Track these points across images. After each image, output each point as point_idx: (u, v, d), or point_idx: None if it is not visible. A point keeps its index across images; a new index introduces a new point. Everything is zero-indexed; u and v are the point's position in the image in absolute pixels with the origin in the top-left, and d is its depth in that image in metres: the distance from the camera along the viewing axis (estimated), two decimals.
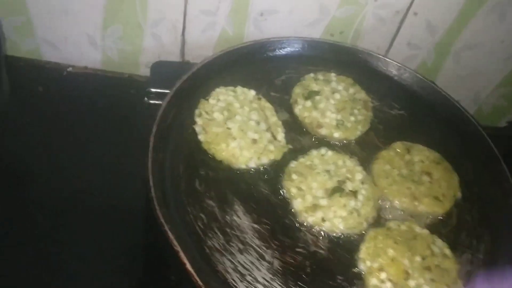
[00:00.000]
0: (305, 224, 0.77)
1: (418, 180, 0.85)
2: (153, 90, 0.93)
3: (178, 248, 0.67)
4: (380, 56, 1.00)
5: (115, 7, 0.98)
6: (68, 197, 0.90)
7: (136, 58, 1.08)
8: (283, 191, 0.80)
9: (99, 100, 1.07)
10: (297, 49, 0.99)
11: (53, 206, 0.88)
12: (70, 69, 1.10)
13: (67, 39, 1.05)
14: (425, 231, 0.80)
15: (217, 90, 0.88)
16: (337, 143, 0.89)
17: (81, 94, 1.08)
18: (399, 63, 1.00)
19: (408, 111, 0.97)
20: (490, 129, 1.20)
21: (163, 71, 0.96)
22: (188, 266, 0.66)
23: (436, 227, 0.82)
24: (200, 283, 0.65)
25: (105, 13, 1.00)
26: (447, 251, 0.78)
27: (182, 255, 0.67)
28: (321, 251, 0.76)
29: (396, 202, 0.83)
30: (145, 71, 1.11)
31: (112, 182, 0.93)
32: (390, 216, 0.82)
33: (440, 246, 0.78)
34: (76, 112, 1.03)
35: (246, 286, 0.69)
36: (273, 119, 0.87)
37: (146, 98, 0.92)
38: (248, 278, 0.70)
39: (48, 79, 1.08)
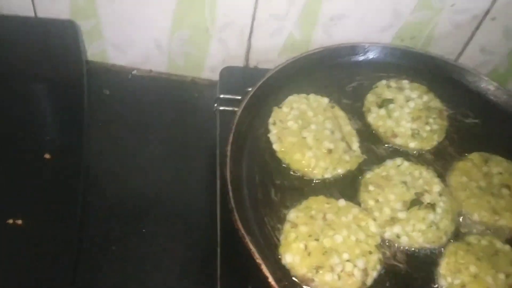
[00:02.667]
0: (384, 237, 0.76)
1: (497, 193, 0.82)
2: (222, 96, 0.92)
3: (260, 260, 0.67)
4: (454, 62, 0.97)
5: (184, 12, 0.98)
6: (137, 202, 0.90)
7: (200, 62, 1.08)
8: (360, 203, 0.78)
9: (163, 103, 1.08)
10: (368, 55, 0.97)
11: (122, 211, 0.89)
12: (135, 72, 1.11)
13: (134, 43, 1.06)
14: (507, 247, 0.77)
15: (290, 98, 0.87)
16: (412, 153, 0.87)
17: (145, 97, 1.09)
18: (473, 70, 0.96)
19: (483, 120, 0.93)
20: None
21: (232, 77, 0.96)
22: (271, 279, 0.66)
23: None
24: None
25: (174, 18, 1.00)
26: None
27: (264, 268, 0.67)
28: (399, 265, 0.74)
29: (476, 216, 0.80)
30: (208, 75, 1.11)
31: (179, 188, 0.94)
32: (469, 230, 0.80)
33: None
34: (140, 115, 1.04)
35: None
36: (347, 128, 0.86)
37: (215, 104, 0.92)
38: None
39: (114, 82, 1.09)
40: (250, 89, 0.86)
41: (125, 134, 1.00)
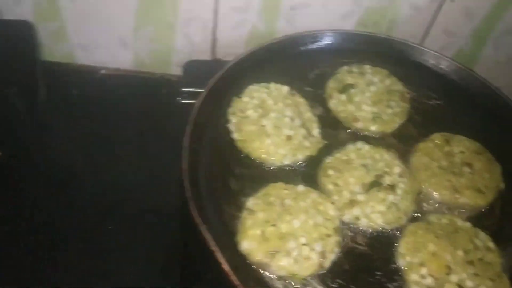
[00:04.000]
0: (343, 220, 0.76)
1: (458, 172, 0.83)
2: (185, 89, 0.93)
3: (214, 248, 0.67)
4: (416, 45, 0.98)
5: (146, 9, 0.99)
6: (105, 199, 0.91)
7: (167, 58, 1.09)
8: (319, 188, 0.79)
9: (132, 101, 1.09)
10: (329, 42, 0.97)
11: (91, 208, 0.89)
12: (103, 71, 1.12)
13: (100, 42, 1.06)
14: (467, 224, 0.77)
15: (250, 87, 0.88)
16: (374, 136, 0.87)
17: (114, 95, 1.09)
18: (435, 52, 0.97)
19: (446, 101, 0.94)
20: None
21: (195, 70, 0.97)
22: (225, 266, 0.66)
23: (479, 220, 0.80)
24: (237, 282, 0.65)
25: (137, 15, 1.01)
26: (491, 244, 0.75)
27: (219, 255, 0.67)
28: (359, 247, 0.74)
29: (436, 195, 0.81)
30: (176, 70, 1.11)
31: (148, 182, 0.94)
32: (430, 209, 0.80)
33: (483, 239, 0.76)
34: (110, 114, 1.05)
35: (283, 285, 0.69)
36: (308, 114, 0.86)
37: (178, 98, 0.93)
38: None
39: (82, 82, 1.10)
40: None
41: (94, 133, 1.01)
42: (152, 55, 1.09)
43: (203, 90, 0.88)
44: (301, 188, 0.77)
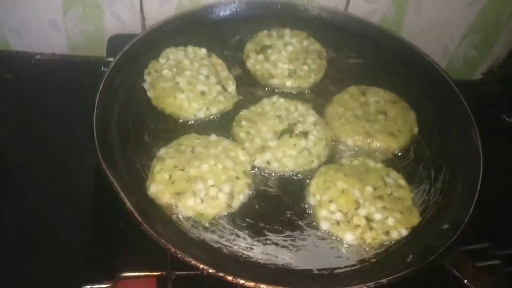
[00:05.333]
0: (254, 165, 0.77)
1: (373, 119, 0.84)
2: (109, 59, 0.94)
3: (118, 189, 0.67)
4: (334, 9, 1.00)
5: None
6: (35, 177, 0.91)
7: (99, 39, 1.10)
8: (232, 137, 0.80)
9: (67, 84, 1.08)
10: (250, 10, 1.00)
11: (22, 185, 0.89)
12: (38, 56, 1.12)
13: (31, 26, 1.07)
14: (379, 165, 0.79)
15: (167, 50, 0.89)
16: (291, 92, 0.89)
17: (49, 80, 1.09)
18: (353, 14, 1.00)
19: (365, 60, 0.96)
20: (465, 82, 1.18)
21: (121, 42, 0.98)
22: (128, 205, 0.66)
23: (393, 162, 0.81)
24: (140, 220, 0.65)
25: None
26: (402, 181, 0.77)
27: (122, 195, 0.67)
28: (270, 190, 0.75)
29: (350, 141, 0.82)
30: None
31: (77, 158, 0.93)
32: (343, 155, 0.81)
33: (394, 177, 0.77)
34: (44, 98, 1.05)
35: (191, 225, 0.69)
36: (224, 73, 0.88)
37: (102, 67, 0.94)
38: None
39: (18, 68, 1.10)
40: None
41: (29, 118, 1.01)
42: (84, 37, 1.10)
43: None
44: (213, 137, 0.78)
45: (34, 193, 0.88)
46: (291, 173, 0.77)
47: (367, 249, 0.69)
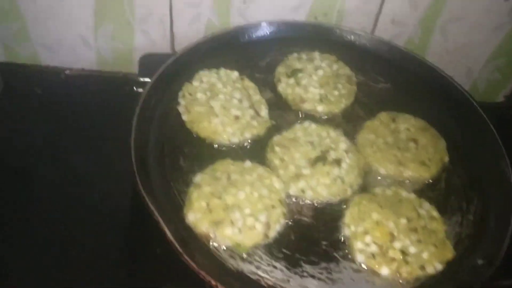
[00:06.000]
0: (289, 193, 0.78)
1: (404, 147, 0.85)
2: (141, 79, 0.95)
3: (158, 218, 0.68)
4: (363, 33, 1.01)
5: (104, 7, 1.02)
6: (65, 194, 0.92)
7: (129, 56, 1.11)
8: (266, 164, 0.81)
9: (96, 100, 1.10)
10: (280, 32, 1.00)
11: (53, 202, 0.90)
12: (67, 71, 1.14)
13: (62, 42, 1.09)
14: (412, 195, 0.79)
15: (201, 72, 0.90)
16: (322, 117, 0.90)
17: (78, 95, 1.11)
18: (382, 38, 1.00)
19: (394, 84, 0.97)
20: (488, 105, 1.18)
21: (152, 62, 0.98)
22: (169, 235, 0.67)
23: (424, 192, 0.82)
24: (180, 250, 0.66)
25: (95, 13, 1.03)
26: (435, 213, 0.77)
27: (162, 224, 0.68)
28: (305, 218, 0.76)
29: (382, 169, 0.83)
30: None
31: (108, 178, 0.95)
32: (376, 183, 0.82)
33: (427, 208, 0.78)
34: (74, 113, 1.06)
35: (229, 255, 0.70)
36: (257, 97, 0.89)
37: (134, 87, 0.95)
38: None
39: (47, 83, 1.12)
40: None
41: (58, 132, 1.02)
42: (114, 53, 1.11)
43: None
44: (248, 164, 0.79)
45: (63, 215, 0.89)
46: (325, 201, 0.78)
47: (402, 282, 0.70)
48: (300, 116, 0.90)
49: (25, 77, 1.13)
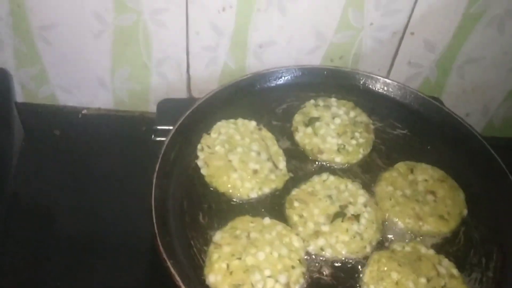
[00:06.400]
0: (308, 251, 0.78)
1: (422, 199, 0.85)
2: (159, 127, 0.96)
3: (180, 283, 0.69)
4: (380, 77, 1.01)
5: (121, 51, 1.03)
6: (83, 237, 0.93)
7: (145, 96, 1.12)
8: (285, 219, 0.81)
9: (113, 139, 1.11)
10: (296, 77, 1.01)
11: (69, 245, 0.92)
12: (84, 111, 1.15)
13: (79, 83, 1.10)
14: (431, 252, 0.79)
15: (219, 123, 0.91)
16: (339, 167, 0.90)
17: (95, 134, 1.13)
18: (399, 83, 1.00)
19: (411, 131, 0.97)
20: (503, 140, 1.18)
21: (169, 108, 1.00)
22: None
23: (443, 247, 0.81)
24: None
25: (113, 57, 1.04)
26: (454, 271, 0.77)
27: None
28: (324, 277, 0.76)
29: (400, 223, 0.83)
30: (154, 108, 1.14)
31: (125, 220, 0.96)
32: (394, 238, 0.82)
33: (446, 266, 0.77)
34: (91, 153, 1.08)
35: None
36: (274, 148, 0.90)
37: (153, 136, 0.96)
38: None
39: (65, 123, 1.13)
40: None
41: (77, 173, 1.04)
42: (130, 94, 1.12)
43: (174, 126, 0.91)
44: (267, 221, 0.79)
45: (81, 258, 0.90)
46: (344, 259, 0.78)
47: None
48: (317, 165, 0.90)
49: (43, 117, 1.14)
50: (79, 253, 0.91)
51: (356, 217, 0.81)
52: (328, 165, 0.90)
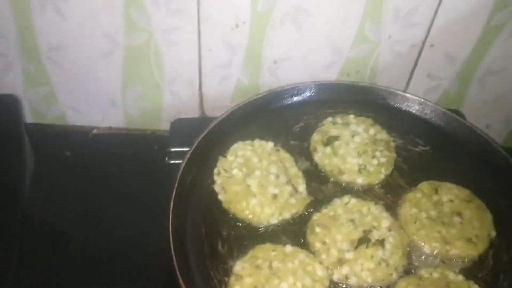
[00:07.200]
0: (332, 279, 0.75)
1: (448, 222, 0.82)
2: (173, 149, 0.94)
3: None
4: (399, 92, 0.98)
5: (132, 70, 1.01)
6: (97, 259, 0.91)
7: (157, 115, 1.10)
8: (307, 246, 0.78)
9: (125, 158, 1.09)
10: (313, 94, 0.98)
11: (83, 268, 0.90)
12: (95, 131, 1.13)
13: (90, 103, 1.08)
14: (460, 277, 0.76)
15: (235, 145, 0.88)
16: (361, 188, 0.87)
17: (107, 154, 1.10)
18: (419, 97, 0.97)
19: (433, 147, 0.94)
20: None
21: (183, 129, 0.98)
22: None
23: (472, 271, 0.78)
24: None
25: (123, 76, 1.02)
26: None
27: None
28: None
29: (427, 248, 0.80)
30: (167, 126, 1.11)
31: (140, 242, 0.94)
32: (421, 263, 0.79)
33: None
34: (103, 173, 1.05)
35: None
36: (293, 170, 0.87)
37: (167, 158, 0.93)
38: None
39: (75, 143, 1.11)
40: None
41: (89, 194, 1.01)
42: (142, 113, 1.10)
43: (188, 149, 0.88)
44: (288, 248, 0.77)
45: (95, 281, 0.88)
46: (370, 287, 0.75)
47: None
48: (338, 187, 0.87)
49: (53, 138, 1.12)
50: (93, 276, 0.89)
51: (381, 242, 0.78)
52: (349, 186, 0.87)
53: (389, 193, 0.87)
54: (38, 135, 1.11)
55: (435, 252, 0.79)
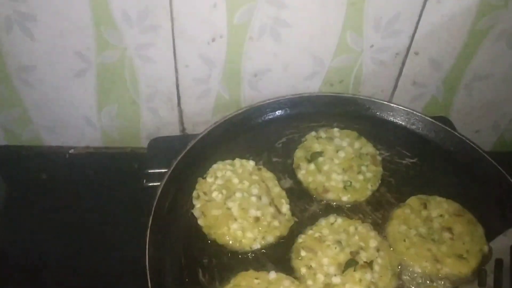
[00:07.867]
0: None
1: (438, 238, 0.79)
2: (150, 171, 0.90)
3: None
4: (384, 102, 0.95)
5: (107, 89, 0.97)
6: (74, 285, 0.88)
7: (135, 132, 1.06)
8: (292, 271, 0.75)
9: (104, 179, 1.05)
10: (295, 107, 0.95)
11: None
12: (72, 151, 1.09)
13: (65, 123, 1.04)
14: None
15: (214, 166, 0.85)
16: (347, 206, 0.83)
17: (85, 175, 1.06)
18: (405, 107, 0.94)
19: (421, 159, 0.91)
20: None
21: (160, 149, 0.94)
22: None
23: None
24: None
25: (98, 94, 0.98)
26: None
27: None
28: None
29: (417, 267, 0.76)
30: (146, 143, 1.08)
31: (117, 267, 0.89)
32: (412, 284, 0.76)
33: None
34: (81, 195, 1.01)
35: None
36: (276, 189, 0.83)
37: (144, 181, 0.89)
38: None
39: (51, 164, 1.07)
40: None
41: (66, 219, 0.97)
42: (120, 131, 1.06)
43: (167, 171, 0.84)
44: (272, 275, 0.73)
45: None
46: None
47: None
48: (323, 206, 0.84)
49: (28, 160, 1.08)
50: None
51: (369, 264, 0.74)
52: (334, 204, 0.83)
53: (377, 210, 0.84)
54: (12, 157, 1.07)
55: (426, 271, 0.76)
